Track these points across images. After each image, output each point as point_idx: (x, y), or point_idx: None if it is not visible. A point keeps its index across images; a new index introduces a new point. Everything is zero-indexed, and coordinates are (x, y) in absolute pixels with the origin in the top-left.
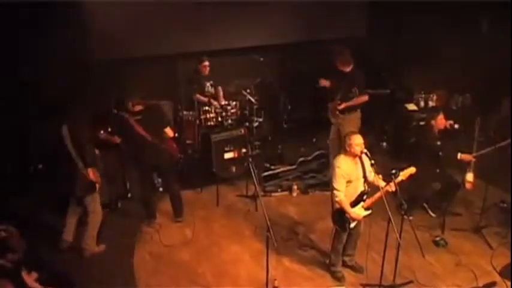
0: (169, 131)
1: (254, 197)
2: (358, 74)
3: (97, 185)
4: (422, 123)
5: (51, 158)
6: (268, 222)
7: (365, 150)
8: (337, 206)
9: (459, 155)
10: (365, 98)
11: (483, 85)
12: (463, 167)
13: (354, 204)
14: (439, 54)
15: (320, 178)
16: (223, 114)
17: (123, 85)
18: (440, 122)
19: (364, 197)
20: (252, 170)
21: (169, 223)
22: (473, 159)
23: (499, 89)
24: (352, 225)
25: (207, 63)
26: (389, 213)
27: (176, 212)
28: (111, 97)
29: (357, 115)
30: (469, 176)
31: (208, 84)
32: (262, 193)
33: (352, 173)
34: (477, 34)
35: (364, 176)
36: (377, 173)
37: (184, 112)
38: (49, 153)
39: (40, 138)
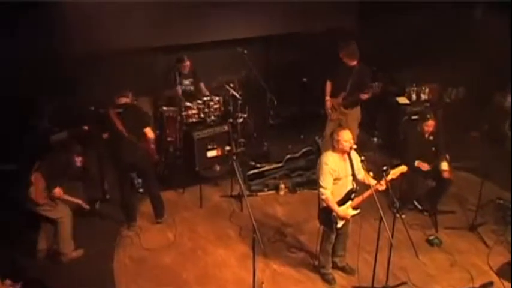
0: (149, 132)
1: (239, 197)
2: (365, 68)
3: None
4: (414, 117)
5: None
6: (255, 223)
7: (354, 146)
8: (324, 204)
9: (417, 162)
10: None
11: (477, 78)
12: (456, 162)
13: (341, 202)
14: (432, 47)
15: (308, 176)
16: (206, 110)
17: (100, 81)
18: (428, 128)
19: (352, 196)
20: (236, 168)
21: (150, 226)
22: (429, 168)
23: (493, 82)
24: (339, 225)
25: (187, 63)
26: (381, 211)
27: (157, 213)
28: (89, 94)
29: (358, 109)
30: (444, 165)
31: (187, 82)
32: (247, 193)
33: (340, 170)
34: (471, 26)
35: (353, 174)
36: (367, 170)
37: (165, 108)
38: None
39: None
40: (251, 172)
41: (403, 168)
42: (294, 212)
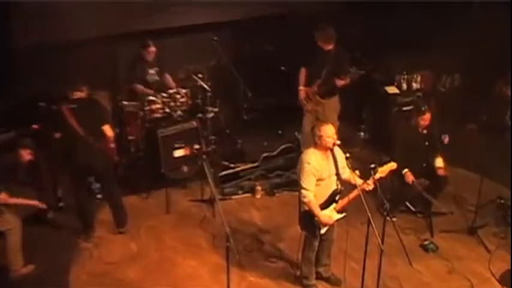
0: (108, 130)
1: (211, 202)
2: (343, 52)
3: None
4: (405, 108)
5: None
6: (228, 231)
7: (338, 142)
8: (305, 207)
9: (405, 171)
10: (347, 81)
11: (474, 64)
12: (452, 158)
13: (325, 205)
14: (424, 30)
15: (288, 176)
16: (172, 104)
17: (51, 74)
18: (425, 121)
19: (337, 197)
20: (207, 169)
21: (111, 236)
22: (414, 180)
23: (492, 68)
24: (323, 230)
25: (153, 48)
26: (369, 214)
27: (119, 222)
28: (39, 88)
29: (337, 99)
30: (439, 162)
31: (152, 71)
32: (220, 196)
33: (323, 170)
34: (467, 6)
35: (337, 173)
36: (353, 168)
37: (125, 103)
38: None
39: None
40: (224, 173)
41: (393, 165)
42: (272, 217)
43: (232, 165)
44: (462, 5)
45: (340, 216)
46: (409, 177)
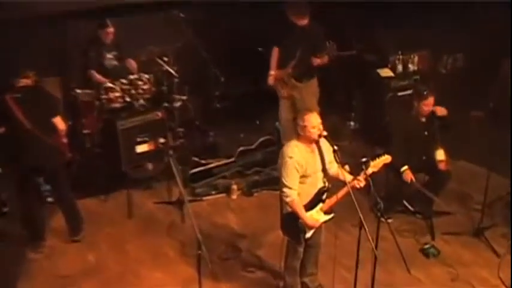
0: (59, 122)
1: (179, 204)
2: (318, 28)
3: None
4: (401, 93)
5: None
6: (200, 237)
7: (324, 134)
8: (288, 209)
9: (403, 168)
10: (324, 59)
11: (480, 42)
12: (455, 150)
13: (310, 206)
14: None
15: (268, 173)
16: (133, 92)
17: None
18: (428, 107)
19: (324, 197)
20: (174, 166)
21: (64, 246)
22: (413, 179)
23: (500, 46)
24: (309, 234)
25: (111, 29)
26: (361, 215)
27: (73, 229)
28: None
29: (315, 81)
30: (440, 154)
31: (110, 55)
32: (190, 197)
33: (308, 165)
34: None
35: (324, 169)
36: (342, 163)
37: (79, 91)
38: None
39: None
40: (194, 171)
41: (387, 158)
42: (250, 220)
43: (203, 162)
44: None
45: (327, 217)
46: (408, 176)
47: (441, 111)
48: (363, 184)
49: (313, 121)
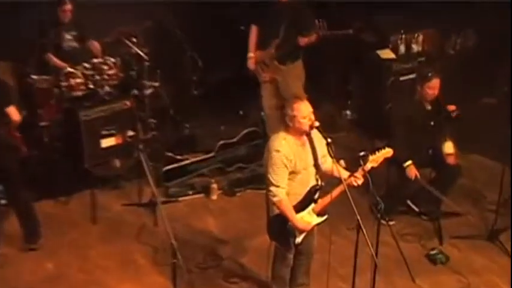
0: (13, 113)
1: (151, 206)
2: (302, 3)
3: None
4: (404, 78)
5: None
6: (175, 243)
7: (316, 124)
8: (276, 210)
9: (407, 163)
10: (312, 38)
11: (493, 18)
12: (466, 142)
13: (300, 206)
14: None
15: (253, 170)
16: (97, 77)
17: None
18: (433, 91)
19: (316, 196)
20: (145, 163)
21: (20, 254)
22: (418, 176)
23: None
24: (299, 239)
25: (68, 6)
26: (358, 217)
27: (29, 235)
28: None
29: (300, 64)
30: (448, 147)
31: (69, 36)
32: (163, 198)
33: (298, 160)
34: None
35: (316, 164)
36: (336, 157)
37: (35, 77)
38: None
39: None
40: (168, 168)
41: (388, 151)
42: (232, 224)
43: (179, 157)
44: None
45: (320, 219)
46: (412, 172)
47: (451, 108)
48: (360, 181)
49: (304, 110)
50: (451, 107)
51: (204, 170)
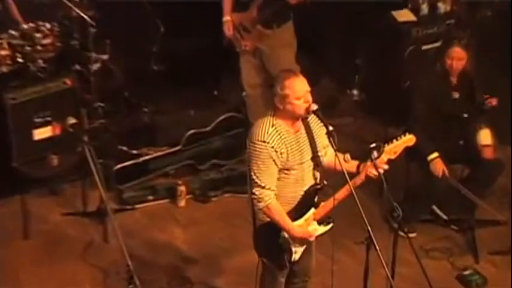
0: None
1: (100, 215)
2: None
3: None
4: (427, 46)
5: None
6: (130, 264)
7: (315, 107)
8: (264, 218)
9: (432, 156)
10: None
11: None
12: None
13: (296, 213)
14: None
15: (232, 168)
16: (28, 49)
17: None
18: (461, 60)
19: (316, 199)
20: (91, 160)
21: None
22: (446, 173)
23: None
24: (297, 255)
25: None
26: (369, 227)
27: None
28: None
29: (290, 27)
30: (485, 136)
31: None
32: (116, 206)
33: (291, 154)
34: None
35: (315, 158)
36: (340, 150)
37: None
38: None
39: None
40: (122, 166)
41: (410, 138)
42: (205, 238)
43: (135, 152)
44: None
45: (324, 229)
46: (439, 167)
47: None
48: (383, 168)
49: (299, 88)
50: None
51: (168, 168)
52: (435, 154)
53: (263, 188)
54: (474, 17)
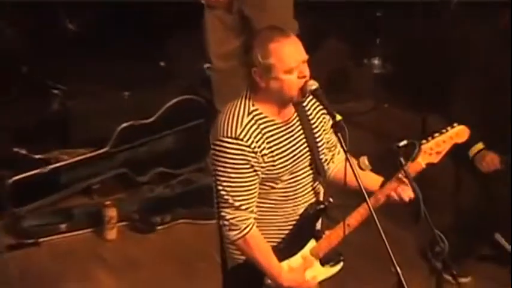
0: None
1: None
2: None
3: None
4: None
5: None
6: None
7: (314, 86)
8: (239, 256)
9: (476, 148)
10: None
11: None
12: None
13: (289, 248)
14: None
15: (187, 180)
16: None
17: None
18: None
19: (318, 224)
20: None
21: None
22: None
23: None
24: None
25: None
26: (398, 268)
27: None
28: None
29: None
30: None
31: None
32: (10, 240)
33: (279, 156)
34: None
35: (316, 162)
36: (351, 151)
37: None
38: None
39: None
40: (19, 177)
41: (462, 129)
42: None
43: (40, 156)
44: None
45: (329, 272)
46: (490, 161)
47: None
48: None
49: (290, 56)
50: None
51: (90, 181)
52: (480, 145)
53: (237, 208)
54: None
